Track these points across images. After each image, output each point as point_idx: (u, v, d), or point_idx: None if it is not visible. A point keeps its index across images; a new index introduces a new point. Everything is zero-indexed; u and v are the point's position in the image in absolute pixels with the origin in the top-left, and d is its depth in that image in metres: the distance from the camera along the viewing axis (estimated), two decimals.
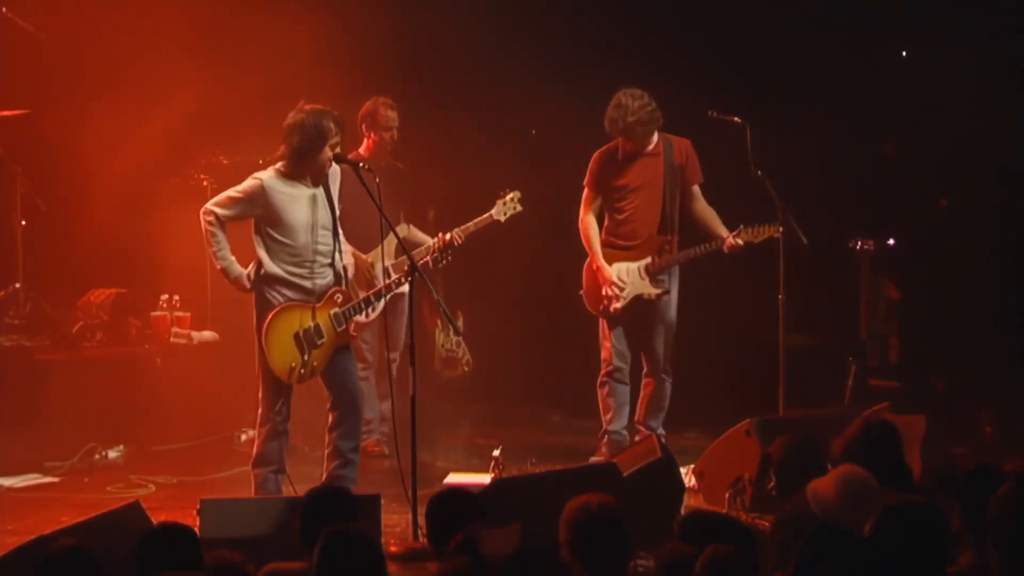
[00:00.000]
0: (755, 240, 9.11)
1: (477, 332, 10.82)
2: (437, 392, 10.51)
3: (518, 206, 9.31)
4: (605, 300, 9.21)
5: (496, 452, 8.29)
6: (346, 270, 7.99)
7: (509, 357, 11.29)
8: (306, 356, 7.79)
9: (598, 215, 9.34)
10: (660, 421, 9.31)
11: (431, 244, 9.21)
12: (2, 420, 9.20)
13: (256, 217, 7.82)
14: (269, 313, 7.77)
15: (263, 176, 7.82)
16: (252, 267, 7.85)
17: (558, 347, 11.11)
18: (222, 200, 7.84)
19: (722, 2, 11.12)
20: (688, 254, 9.20)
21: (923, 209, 11.36)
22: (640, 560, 6.35)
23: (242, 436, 9.96)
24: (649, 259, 9.18)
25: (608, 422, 9.30)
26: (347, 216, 8.09)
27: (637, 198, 9.21)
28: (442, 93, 11.42)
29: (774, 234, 9.09)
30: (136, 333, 10.43)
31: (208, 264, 9.27)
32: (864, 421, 6.51)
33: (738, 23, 10.91)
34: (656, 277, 9.18)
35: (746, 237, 9.11)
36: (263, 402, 7.88)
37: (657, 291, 9.15)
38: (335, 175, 7.93)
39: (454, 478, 8.51)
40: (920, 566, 4.85)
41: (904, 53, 11.51)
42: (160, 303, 10.44)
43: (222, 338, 10.45)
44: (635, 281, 9.20)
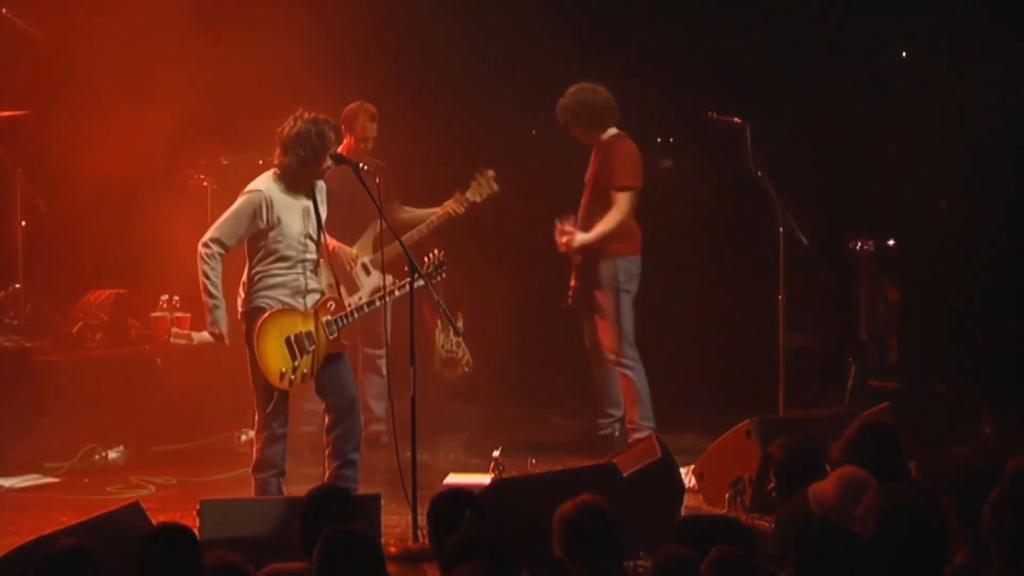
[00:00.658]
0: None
1: (477, 333, 10.81)
2: (437, 392, 10.50)
3: (494, 185, 9.27)
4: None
5: (496, 452, 8.28)
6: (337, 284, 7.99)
7: (509, 358, 11.28)
8: (296, 362, 7.74)
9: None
10: (644, 415, 9.31)
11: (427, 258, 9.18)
12: (2, 420, 9.18)
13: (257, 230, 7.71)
14: (260, 318, 7.72)
15: (262, 187, 7.72)
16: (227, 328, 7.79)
17: (558, 347, 11.10)
18: (223, 228, 7.72)
19: (722, 2, 11.12)
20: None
21: (923, 209, 11.35)
22: (640, 561, 6.35)
23: (242, 436, 9.94)
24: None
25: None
26: (330, 209, 7.98)
27: None
28: (442, 94, 11.41)
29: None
30: (136, 334, 10.42)
31: None
32: (864, 421, 6.52)
33: (738, 23, 10.92)
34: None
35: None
36: (258, 409, 7.85)
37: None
38: (320, 186, 7.87)
39: (454, 478, 8.49)
40: (920, 566, 4.85)
41: (904, 53, 11.52)
42: (160, 304, 10.42)
43: None
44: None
